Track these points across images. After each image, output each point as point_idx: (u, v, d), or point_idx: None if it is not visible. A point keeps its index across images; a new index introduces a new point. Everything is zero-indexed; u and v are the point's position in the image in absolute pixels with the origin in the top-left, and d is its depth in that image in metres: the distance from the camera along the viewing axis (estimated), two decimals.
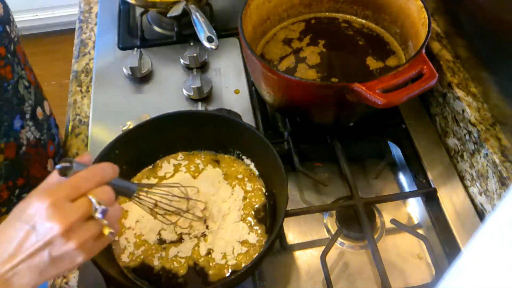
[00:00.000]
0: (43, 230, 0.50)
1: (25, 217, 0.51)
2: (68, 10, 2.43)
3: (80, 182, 0.53)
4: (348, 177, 0.78)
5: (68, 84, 1.00)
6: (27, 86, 0.72)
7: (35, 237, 0.50)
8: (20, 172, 0.70)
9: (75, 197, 0.52)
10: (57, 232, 0.49)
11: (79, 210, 0.51)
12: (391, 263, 0.73)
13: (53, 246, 0.50)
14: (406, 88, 0.69)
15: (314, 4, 0.94)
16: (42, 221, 0.50)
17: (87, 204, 0.52)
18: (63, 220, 0.50)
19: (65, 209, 0.50)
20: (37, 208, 0.50)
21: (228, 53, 1.02)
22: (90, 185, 0.53)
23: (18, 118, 0.68)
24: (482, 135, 0.74)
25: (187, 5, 0.96)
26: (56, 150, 0.80)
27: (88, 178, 0.53)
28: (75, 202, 0.51)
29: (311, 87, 0.73)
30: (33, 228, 0.50)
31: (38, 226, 0.50)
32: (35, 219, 0.50)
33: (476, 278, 0.35)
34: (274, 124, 0.89)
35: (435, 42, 0.89)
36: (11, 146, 0.68)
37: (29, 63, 0.76)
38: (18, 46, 0.71)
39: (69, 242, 0.50)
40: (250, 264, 0.62)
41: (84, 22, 1.12)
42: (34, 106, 0.73)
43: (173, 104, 0.93)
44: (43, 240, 0.50)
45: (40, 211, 0.50)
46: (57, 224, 0.49)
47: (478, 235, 0.35)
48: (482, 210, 0.76)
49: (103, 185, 0.54)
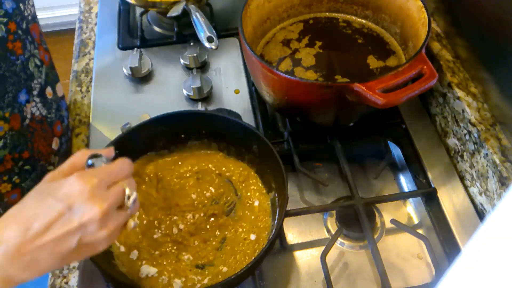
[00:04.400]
0: (80, 212, 0.48)
1: (60, 195, 0.49)
2: (68, 10, 2.43)
3: (116, 170, 0.54)
4: (348, 177, 0.78)
5: (68, 84, 1.00)
6: (39, 65, 0.72)
7: (69, 217, 0.48)
8: (25, 144, 0.71)
9: (111, 184, 0.52)
10: (95, 215, 0.49)
11: (115, 197, 0.52)
12: (391, 263, 0.73)
13: (86, 230, 0.49)
14: (406, 88, 0.69)
15: (314, 4, 0.94)
16: (81, 202, 0.49)
17: (121, 192, 0.53)
18: (103, 204, 0.49)
19: (104, 194, 0.51)
20: (78, 188, 0.49)
21: (228, 53, 1.02)
22: (122, 175, 0.54)
23: (24, 93, 0.69)
24: (482, 135, 0.74)
25: (187, 5, 0.96)
26: (64, 131, 0.81)
27: (121, 168, 0.55)
28: (111, 189, 0.52)
29: (311, 87, 0.73)
30: (69, 208, 0.48)
31: (76, 206, 0.48)
32: (73, 199, 0.49)
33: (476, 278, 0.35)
34: (274, 124, 0.89)
35: (435, 42, 0.89)
36: (16, 117, 0.68)
37: (46, 44, 0.77)
38: (34, 26, 0.72)
39: (102, 229, 0.50)
40: (250, 264, 0.62)
41: (84, 22, 1.12)
42: (44, 85, 0.74)
43: (173, 104, 0.93)
44: (79, 221, 0.48)
45: (81, 192, 0.49)
46: (96, 208, 0.49)
47: (478, 235, 0.35)
48: (482, 210, 0.76)
49: (130, 176, 0.55)
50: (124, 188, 0.53)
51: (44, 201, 0.49)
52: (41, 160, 0.75)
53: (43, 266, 0.49)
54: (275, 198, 0.73)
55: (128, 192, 0.53)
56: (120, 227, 0.53)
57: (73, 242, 0.49)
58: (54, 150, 0.78)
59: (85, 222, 0.48)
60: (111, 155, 0.58)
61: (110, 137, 0.74)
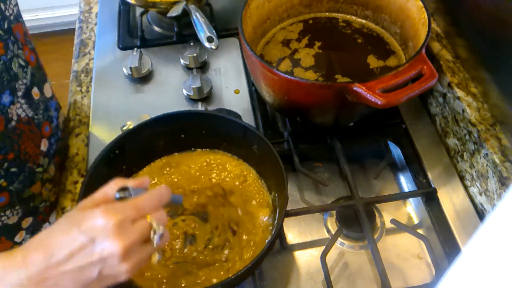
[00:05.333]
0: (102, 246, 0.49)
1: (84, 227, 0.50)
2: (68, 10, 2.43)
3: (142, 205, 0.53)
4: (348, 177, 0.78)
5: (68, 84, 1.00)
6: (23, 66, 0.72)
7: (91, 250, 0.49)
8: (11, 146, 0.70)
9: (136, 219, 0.52)
10: (116, 251, 0.49)
11: (140, 232, 0.51)
12: (391, 263, 0.73)
13: (106, 264, 0.50)
14: (406, 88, 0.69)
15: (314, 4, 0.94)
16: (103, 237, 0.49)
17: (147, 227, 0.52)
18: (125, 241, 0.50)
19: (128, 230, 0.50)
20: (101, 222, 0.49)
21: (228, 53, 1.02)
22: (150, 208, 0.53)
23: (8, 94, 0.68)
24: (482, 135, 0.74)
25: (187, 5, 0.96)
26: (53, 132, 0.80)
27: (149, 202, 0.54)
28: (136, 224, 0.52)
29: (311, 87, 0.73)
30: (92, 241, 0.49)
31: (98, 240, 0.49)
32: (96, 233, 0.49)
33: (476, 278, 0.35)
34: (274, 124, 0.89)
35: (435, 42, 0.89)
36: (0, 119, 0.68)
37: (32, 44, 0.77)
38: (17, 25, 0.71)
39: (123, 263, 0.50)
40: (250, 264, 0.62)
41: (84, 22, 1.12)
42: (30, 85, 0.73)
43: (173, 104, 0.93)
44: (100, 255, 0.49)
45: (104, 227, 0.49)
46: (118, 244, 0.49)
47: (478, 235, 0.35)
48: (482, 210, 0.76)
49: (160, 209, 0.54)
50: (150, 224, 0.52)
51: (70, 231, 0.50)
52: (28, 162, 0.74)
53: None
54: (275, 198, 0.73)
55: (155, 226, 0.52)
56: (144, 260, 0.53)
57: (94, 273, 0.50)
58: (42, 151, 0.77)
59: (105, 256, 0.49)
60: (145, 185, 0.57)
61: (110, 137, 0.74)
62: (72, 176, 0.84)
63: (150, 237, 0.52)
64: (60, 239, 0.50)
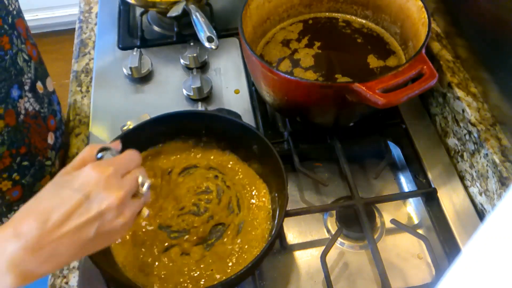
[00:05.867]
0: (98, 200, 0.50)
1: (77, 185, 0.50)
2: (68, 10, 2.43)
3: (126, 161, 0.56)
4: (348, 177, 0.78)
5: (68, 84, 1.00)
6: (27, 60, 0.72)
7: (88, 206, 0.49)
8: (22, 140, 0.71)
9: (124, 173, 0.54)
10: (113, 203, 0.50)
11: (130, 184, 0.53)
12: (391, 263, 0.73)
13: (103, 219, 0.50)
14: (406, 88, 0.69)
15: (314, 4, 0.94)
16: (98, 191, 0.50)
17: (135, 179, 0.54)
18: (120, 192, 0.51)
19: (119, 182, 0.52)
20: (94, 177, 0.50)
21: (228, 53, 1.02)
22: (134, 164, 0.56)
23: (16, 88, 0.69)
24: (482, 135, 0.74)
25: (187, 5, 0.96)
26: (57, 125, 0.81)
27: (131, 159, 0.57)
28: (125, 178, 0.54)
29: (311, 87, 0.73)
30: (87, 197, 0.49)
31: (94, 195, 0.50)
32: (90, 188, 0.50)
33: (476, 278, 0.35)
34: (274, 124, 0.89)
35: (435, 42, 0.89)
36: (10, 113, 0.68)
37: (33, 39, 0.77)
38: (19, 20, 0.72)
39: (119, 217, 0.51)
40: (250, 264, 0.62)
41: (84, 22, 1.12)
42: (34, 80, 0.74)
43: (173, 104, 0.93)
44: (98, 209, 0.49)
45: (97, 181, 0.50)
46: (114, 195, 0.50)
47: (478, 235, 0.35)
48: (482, 210, 0.76)
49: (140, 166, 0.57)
50: (137, 176, 0.55)
51: (61, 193, 0.50)
52: (38, 155, 0.74)
53: (62, 258, 0.49)
54: (275, 198, 0.73)
55: (141, 179, 0.55)
56: (135, 215, 0.54)
57: (91, 231, 0.49)
58: (50, 144, 0.78)
59: (103, 210, 0.50)
60: (119, 148, 0.59)
61: (110, 137, 0.74)
62: None
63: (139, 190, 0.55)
64: (52, 202, 0.49)
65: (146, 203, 0.57)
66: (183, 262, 0.68)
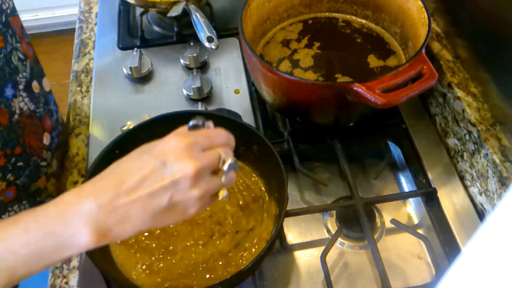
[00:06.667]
0: (174, 168, 0.49)
1: (156, 151, 0.50)
2: (68, 10, 2.43)
3: (213, 136, 0.54)
4: (348, 177, 0.78)
5: (68, 84, 1.00)
6: (22, 59, 0.72)
7: (163, 173, 0.49)
8: (16, 140, 0.70)
9: (207, 147, 0.53)
10: (188, 173, 0.49)
11: (210, 159, 0.52)
12: (391, 263, 0.73)
13: (178, 188, 0.49)
14: (406, 88, 0.69)
15: (314, 4, 0.94)
16: (175, 159, 0.49)
17: (217, 155, 0.53)
18: (197, 163, 0.49)
19: (199, 154, 0.51)
20: (173, 146, 0.50)
21: (228, 53, 1.02)
22: (219, 141, 0.54)
23: (10, 87, 0.69)
24: (482, 135, 0.74)
25: (187, 5, 0.96)
26: (53, 126, 0.81)
27: (218, 135, 0.55)
28: (207, 151, 0.52)
29: (311, 87, 0.73)
30: (163, 164, 0.49)
31: (170, 163, 0.49)
32: (168, 155, 0.49)
33: (476, 278, 0.35)
34: (274, 124, 0.89)
35: (435, 42, 0.89)
36: (3, 112, 0.68)
37: (28, 38, 0.77)
38: (14, 19, 0.71)
39: (194, 189, 0.49)
40: (250, 264, 0.62)
41: (84, 22, 1.12)
42: (30, 79, 0.73)
43: (173, 104, 0.93)
44: (172, 178, 0.48)
45: (175, 149, 0.50)
46: (190, 165, 0.49)
47: (478, 235, 0.35)
48: (482, 210, 0.76)
49: (228, 146, 0.55)
50: (219, 153, 0.53)
51: (140, 158, 0.51)
52: (33, 156, 0.74)
53: (135, 222, 0.49)
54: (275, 198, 0.73)
55: (223, 157, 0.53)
56: (212, 193, 0.53)
57: (165, 199, 0.49)
58: (45, 145, 0.77)
59: (177, 179, 0.49)
60: (211, 126, 0.58)
61: (110, 137, 0.74)
62: (72, 176, 0.84)
63: (220, 167, 0.53)
64: (130, 166, 0.50)
65: (227, 185, 0.55)
66: (184, 263, 0.68)
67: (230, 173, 0.54)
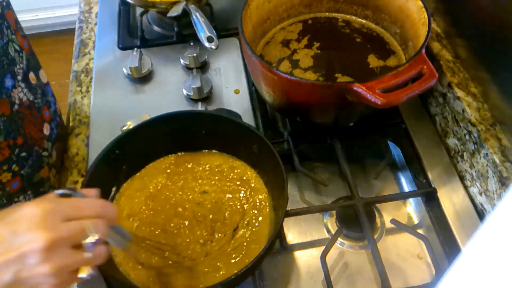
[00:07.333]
0: (23, 239, 0.42)
1: (9, 219, 0.44)
2: (68, 10, 2.43)
3: (81, 206, 0.48)
4: (348, 177, 0.78)
5: (68, 84, 1.00)
6: (18, 50, 0.73)
7: (10, 244, 0.42)
8: (17, 130, 0.70)
9: (71, 217, 0.46)
10: (38, 245, 0.42)
11: (70, 230, 0.45)
12: (391, 263, 0.73)
13: (25, 262, 0.43)
14: (406, 88, 0.69)
15: (314, 4, 0.94)
16: (26, 228, 0.43)
17: (80, 228, 0.46)
18: (50, 234, 0.43)
19: (57, 224, 0.44)
20: (28, 212, 0.44)
21: (228, 53, 1.02)
22: (89, 212, 0.48)
23: (9, 78, 0.69)
24: (482, 135, 0.74)
25: (187, 5, 0.96)
26: (52, 116, 0.81)
27: (90, 205, 0.49)
28: (69, 223, 0.46)
29: (311, 87, 0.73)
30: (13, 233, 0.43)
31: (21, 232, 0.43)
32: (19, 223, 0.43)
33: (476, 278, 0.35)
34: (274, 124, 0.89)
35: (435, 42, 0.89)
36: (5, 102, 0.68)
37: (23, 31, 0.77)
38: (8, 12, 0.72)
39: (44, 264, 0.43)
40: (250, 264, 0.62)
41: (84, 22, 1.12)
42: (26, 70, 0.74)
43: (173, 104, 0.93)
44: (18, 250, 0.42)
45: (30, 217, 0.44)
46: (41, 236, 0.43)
47: (478, 235, 0.35)
48: (482, 210, 0.76)
49: (100, 218, 0.48)
50: (84, 225, 0.46)
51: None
52: (35, 146, 0.74)
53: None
54: (275, 198, 0.73)
55: (89, 230, 0.46)
56: (71, 269, 0.46)
57: (7, 275, 0.42)
58: (46, 135, 0.78)
59: (24, 251, 0.42)
60: (91, 193, 0.52)
61: (110, 137, 0.74)
62: (72, 176, 0.84)
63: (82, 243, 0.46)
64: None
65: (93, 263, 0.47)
66: (184, 263, 0.68)
67: (98, 248, 0.47)
